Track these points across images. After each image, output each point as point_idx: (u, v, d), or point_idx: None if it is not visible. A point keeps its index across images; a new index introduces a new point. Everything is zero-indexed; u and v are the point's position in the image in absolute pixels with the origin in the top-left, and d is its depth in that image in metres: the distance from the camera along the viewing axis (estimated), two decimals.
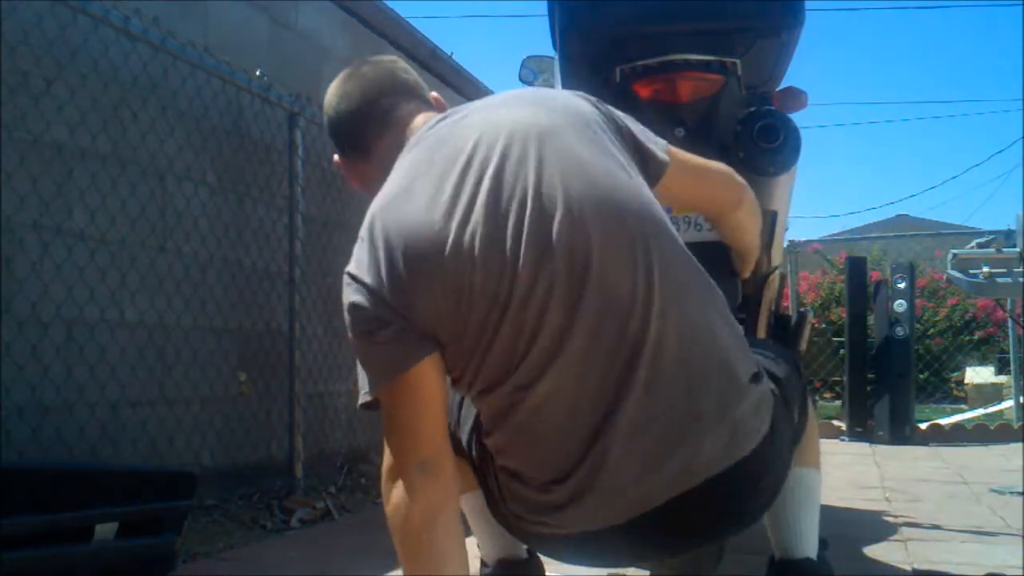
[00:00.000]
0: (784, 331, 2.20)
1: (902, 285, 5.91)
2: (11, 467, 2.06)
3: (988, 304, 8.70)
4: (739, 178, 1.53)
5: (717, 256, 1.80)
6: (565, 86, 2.12)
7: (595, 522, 1.22)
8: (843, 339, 6.56)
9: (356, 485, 3.49)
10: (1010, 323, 6.95)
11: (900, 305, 5.88)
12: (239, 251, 3.25)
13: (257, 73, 3.18)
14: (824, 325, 8.41)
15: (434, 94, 1.46)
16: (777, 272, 2.07)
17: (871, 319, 6.25)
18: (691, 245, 1.77)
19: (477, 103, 1.36)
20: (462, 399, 1.42)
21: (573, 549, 1.33)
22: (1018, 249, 4.23)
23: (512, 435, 1.23)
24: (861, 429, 5.85)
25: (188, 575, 2.19)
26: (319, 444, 3.52)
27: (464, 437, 1.42)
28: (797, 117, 1.88)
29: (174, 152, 2.94)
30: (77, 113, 2.56)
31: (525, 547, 1.62)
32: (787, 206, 1.99)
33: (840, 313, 7.69)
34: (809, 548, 1.59)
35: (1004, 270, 4.45)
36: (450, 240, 1.16)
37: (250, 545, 2.55)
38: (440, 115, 1.35)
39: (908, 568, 2.27)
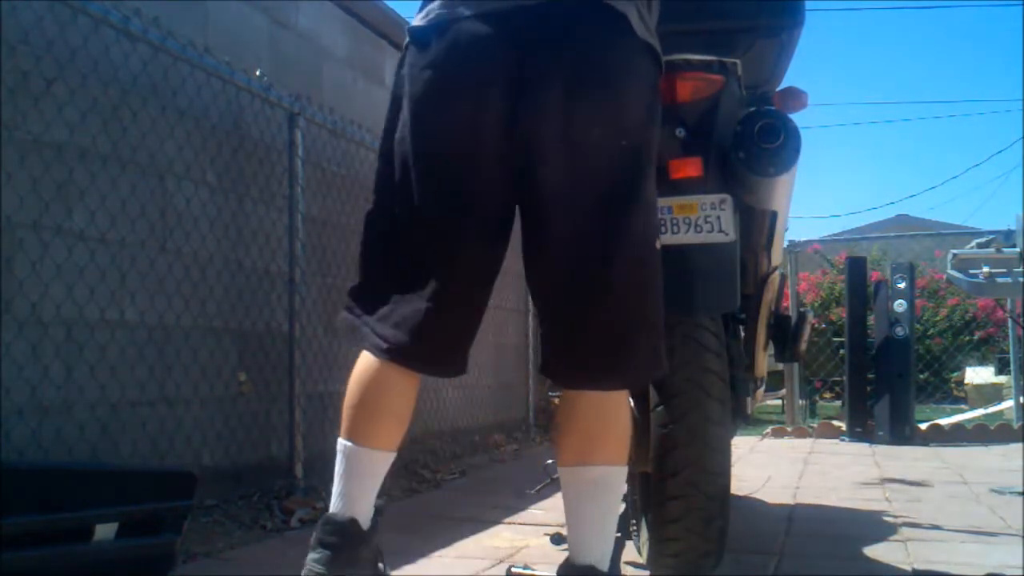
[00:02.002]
0: (784, 331, 2.21)
1: (902, 285, 5.92)
2: (11, 467, 2.06)
3: (988, 304, 8.71)
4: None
5: (716, 257, 1.80)
6: None
7: None
8: (843, 339, 6.57)
9: None
10: (1010, 323, 6.96)
11: (900, 305, 5.88)
12: (239, 251, 3.25)
13: (257, 73, 3.18)
14: (824, 325, 8.41)
15: None
16: (777, 272, 2.07)
17: (871, 319, 6.26)
18: (690, 247, 1.78)
19: None
20: None
21: None
22: (1018, 249, 4.24)
23: None
24: (861, 429, 5.85)
25: (188, 575, 2.19)
26: (319, 444, 3.51)
27: None
28: (797, 117, 1.88)
29: (174, 152, 2.94)
30: (77, 113, 2.56)
31: (372, 516, 1.59)
32: (787, 206, 2.00)
33: (840, 313, 7.70)
34: (595, 555, 1.56)
35: (1004, 270, 4.45)
36: None
37: (250, 545, 2.55)
38: None
39: (908, 568, 2.27)
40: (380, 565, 1.64)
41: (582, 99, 1.45)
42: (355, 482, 1.60)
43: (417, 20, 1.53)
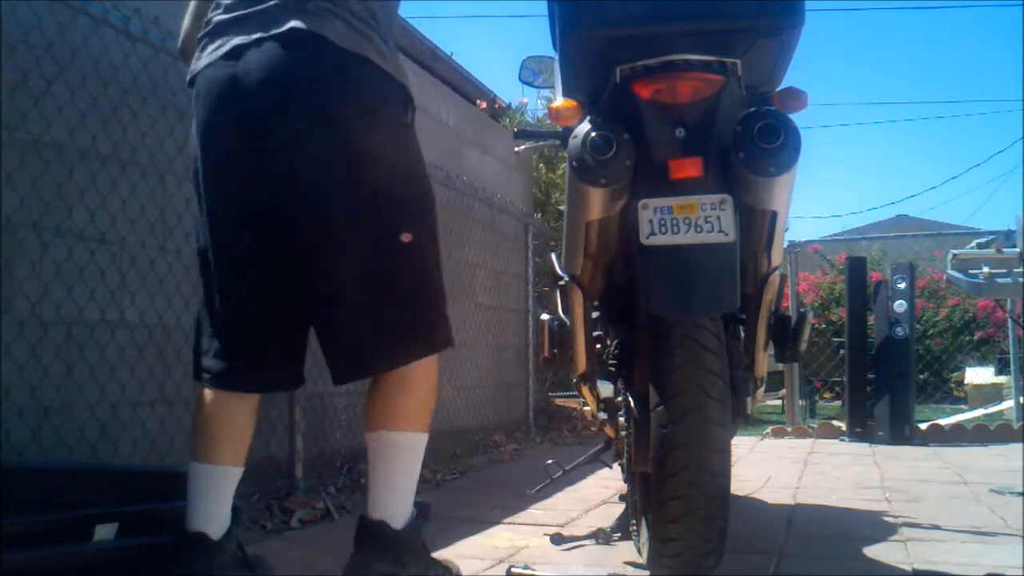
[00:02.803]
0: (784, 331, 2.20)
1: (902, 285, 5.92)
2: (11, 467, 2.06)
3: (988, 304, 8.71)
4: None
5: (716, 257, 1.80)
6: (565, 86, 2.12)
7: None
8: (843, 339, 6.57)
9: (356, 485, 3.49)
10: (1010, 323, 6.96)
11: (900, 305, 5.88)
12: None
13: None
14: (824, 325, 8.41)
15: None
16: (777, 272, 2.07)
17: (871, 319, 6.25)
18: (690, 247, 1.78)
19: None
20: None
21: None
22: (1018, 249, 4.23)
23: None
24: (861, 429, 5.85)
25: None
26: (319, 444, 3.52)
27: None
28: (797, 117, 1.88)
29: (174, 152, 2.94)
30: (77, 113, 2.56)
31: (224, 531, 1.77)
32: (787, 206, 1.99)
33: (840, 313, 7.70)
34: (390, 510, 1.74)
35: (1004, 270, 4.45)
36: None
37: (250, 545, 2.54)
38: None
39: (908, 568, 2.27)
40: (247, 566, 1.83)
41: (289, 117, 1.65)
42: (202, 497, 1.78)
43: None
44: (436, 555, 2.07)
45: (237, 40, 1.68)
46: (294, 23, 1.64)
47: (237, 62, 1.68)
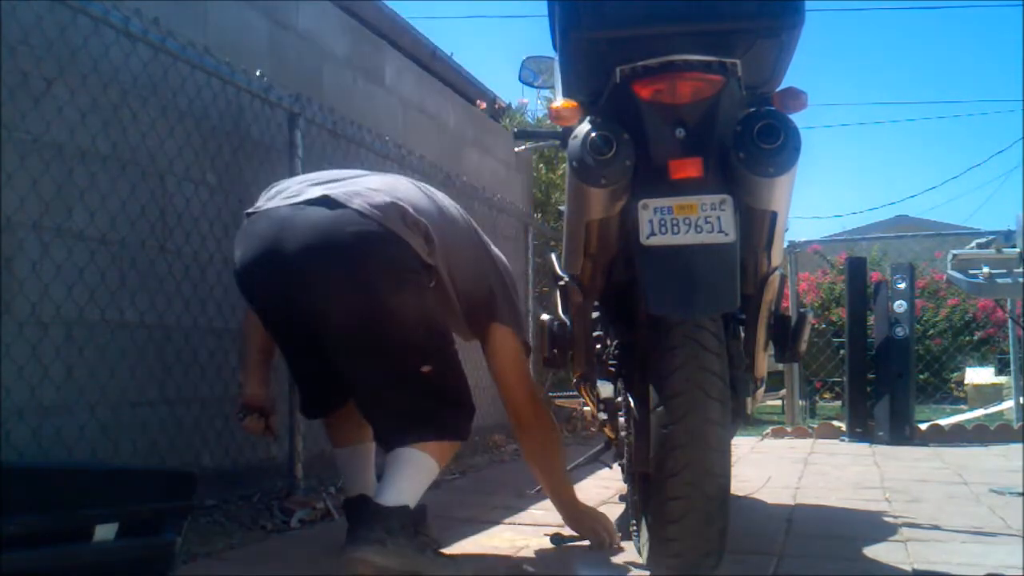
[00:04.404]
0: (784, 331, 2.20)
1: (902, 286, 5.92)
2: (11, 467, 2.06)
3: (988, 304, 8.70)
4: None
5: (717, 258, 1.80)
6: (565, 86, 2.12)
7: None
8: (843, 339, 6.57)
9: None
10: (1010, 323, 6.96)
11: (900, 305, 5.88)
12: None
13: (257, 74, 3.18)
14: (824, 325, 8.42)
15: None
16: (777, 273, 2.07)
17: (871, 319, 6.25)
18: (690, 247, 1.78)
19: None
20: None
21: None
22: (1018, 249, 4.23)
23: None
24: (861, 429, 5.85)
25: (188, 575, 2.19)
26: (319, 444, 3.51)
27: None
28: (797, 117, 1.87)
29: (174, 152, 2.94)
30: (77, 113, 2.56)
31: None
32: (787, 206, 1.99)
33: (840, 313, 7.70)
34: (385, 496, 2.02)
35: (1004, 270, 4.45)
36: None
37: (250, 545, 2.55)
38: None
39: (908, 568, 2.27)
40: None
41: (323, 271, 2.07)
42: (350, 471, 2.49)
43: None
44: (448, 550, 2.09)
45: (310, 194, 2.16)
46: (357, 204, 2.10)
47: (299, 208, 2.14)
